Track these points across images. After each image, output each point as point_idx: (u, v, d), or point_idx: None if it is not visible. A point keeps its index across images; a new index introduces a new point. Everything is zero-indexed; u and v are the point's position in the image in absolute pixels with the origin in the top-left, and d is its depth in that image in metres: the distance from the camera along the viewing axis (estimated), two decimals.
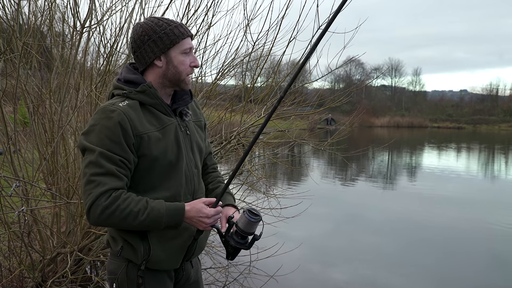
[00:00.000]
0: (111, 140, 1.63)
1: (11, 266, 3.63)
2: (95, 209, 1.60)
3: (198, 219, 1.71)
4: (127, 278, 1.78)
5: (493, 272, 5.62)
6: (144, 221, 1.64)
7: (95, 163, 1.62)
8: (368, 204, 9.91)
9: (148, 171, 1.74)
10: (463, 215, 8.84)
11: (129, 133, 1.65)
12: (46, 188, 3.88)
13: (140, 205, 1.64)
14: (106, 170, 1.61)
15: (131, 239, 1.75)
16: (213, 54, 4.76)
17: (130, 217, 1.62)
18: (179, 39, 1.74)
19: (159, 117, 1.77)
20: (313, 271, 5.42)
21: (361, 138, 31.00)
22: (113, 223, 1.64)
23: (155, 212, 1.65)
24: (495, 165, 18.80)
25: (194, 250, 1.89)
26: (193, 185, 1.87)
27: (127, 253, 1.77)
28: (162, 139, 1.75)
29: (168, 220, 1.67)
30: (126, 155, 1.66)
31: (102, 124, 1.64)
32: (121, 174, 1.65)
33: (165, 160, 1.75)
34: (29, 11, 3.91)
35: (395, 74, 73.07)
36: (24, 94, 3.87)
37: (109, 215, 1.61)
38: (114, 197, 1.61)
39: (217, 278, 4.78)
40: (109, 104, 1.69)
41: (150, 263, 1.77)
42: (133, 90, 1.74)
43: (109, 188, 1.61)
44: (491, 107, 65.97)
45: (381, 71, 68.18)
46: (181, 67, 1.77)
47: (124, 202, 1.62)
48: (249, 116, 4.93)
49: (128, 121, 1.65)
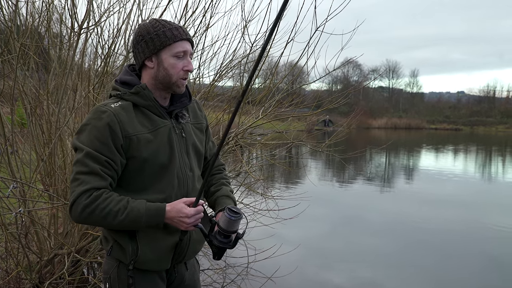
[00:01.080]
0: (99, 141, 1.66)
1: (8, 267, 3.61)
2: (76, 207, 1.64)
3: (179, 219, 1.70)
4: (118, 278, 1.80)
5: (490, 274, 5.64)
6: (123, 221, 1.65)
7: (81, 162, 1.65)
8: (366, 205, 9.92)
9: (138, 172, 1.75)
10: (460, 216, 8.86)
11: (118, 134, 1.67)
12: (43, 189, 3.87)
13: (120, 205, 1.66)
14: (90, 170, 1.64)
15: (120, 239, 1.77)
16: (210, 55, 4.76)
17: (109, 216, 1.64)
18: (170, 41, 1.73)
19: (152, 118, 1.78)
20: (310, 273, 5.42)
21: (358, 139, 31.03)
22: (94, 221, 1.67)
23: (134, 212, 1.66)
24: (492, 167, 18.85)
25: (185, 252, 1.88)
26: (186, 187, 1.85)
27: (117, 253, 1.79)
28: (153, 141, 1.75)
29: (147, 220, 1.68)
30: (113, 156, 1.68)
31: (93, 124, 1.68)
32: (105, 174, 1.67)
33: (156, 162, 1.75)
34: (26, 12, 3.91)
35: (392, 75, 73.28)
36: (22, 95, 3.87)
37: (89, 214, 1.63)
38: (95, 196, 1.63)
39: (215, 280, 4.78)
40: (101, 105, 1.72)
41: (138, 263, 1.77)
42: (127, 91, 1.76)
43: (91, 187, 1.64)
44: (488, 108, 66.22)
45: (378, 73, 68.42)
46: (172, 70, 1.76)
47: (105, 202, 1.64)
48: (247, 117, 4.93)
49: (118, 122, 1.67)
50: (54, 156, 3.93)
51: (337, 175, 14.97)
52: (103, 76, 3.77)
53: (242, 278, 4.85)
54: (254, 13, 4.33)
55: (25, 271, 3.60)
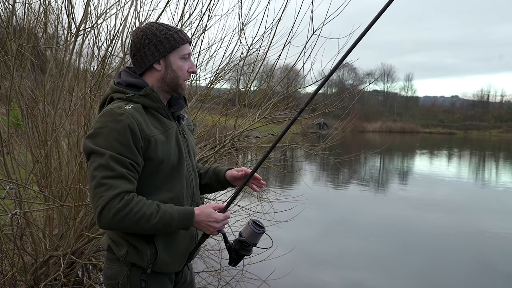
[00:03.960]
0: (121, 143, 1.63)
1: (3, 269, 3.60)
2: (107, 212, 1.59)
3: (207, 223, 1.73)
4: (130, 283, 1.77)
5: (481, 278, 5.68)
6: (156, 225, 1.65)
7: (105, 166, 1.61)
8: (360, 208, 9.96)
9: (153, 174, 1.75)
10: (452, 220, 8.91)
11: (138, 135, 1.66)
12: (39, 190, 3.86)
13: (152, 209, 1.65)
14: (117, 173, 1.61)
15: (137, 243, 1.74)
16: (207, 58, 4.77)
17: (143, 220, 1.62)
18: (179, 44, 1.77)
19: (162, 120, 1.80)
20: (305, 276, 5.43)
21: (353, 143, 31.11)
22: (125, 226, 1.64)
23: (167, 215, 1.66)
24: (486, 171, 18.96)
25: (194, 253, 1.92)
26: (193, 187, 1.90)
27: (133, 257, 1.76)
28: (166, 142, 1.77)
29: (178, 223, 1.69)
30: (136, 158, 1.66)
31: (111, 127, 1.64)
32: (131, 177, 1.65)
33: (169, 163, 1.77)
34: (24, 13, 3.91)
35: (387, 79, 73.52)
36: (18, 96, 3.86)
37: (122, 218, 1.60)
38: (127, 200, 1.61)
39: (210, 282, 4.78)
40: (115, 107, 1.69)
41: (156, 266, 1.77)
42: (136, 94, 1.75)
43: (121, 191, 1.61)
44: (482, 113, 66.53)
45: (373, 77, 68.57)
46: (179, 72, 1.80)
47: (137, 205, 1.62)
48: (243, 120, 4.94)
49: (137, 124, 1.66)
50: (50, 157, 3.93)
51: (332, 178, 15.00)
52: (100, 78, 3.77)
53: (237, 280, 4.86)
54: (251, 16, 4.35)
55: (20, 273, 3.59)
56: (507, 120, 61.52)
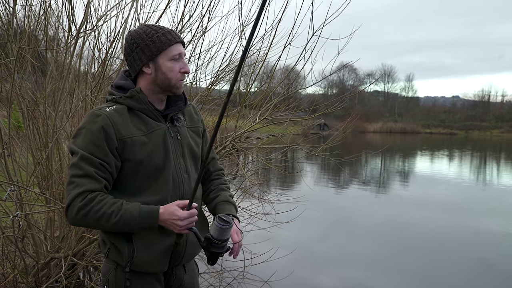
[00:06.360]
0: (94, 144, 1.69)
1: (5, 271, 3.61)
2: (71, 209, 1.67)
3: (171, 221, 1.71)
4: (116, 281, 1.81)
5: (481, 278, 5.67)
6: (117, 223, 1.67)
7: (76, 165, 1.69)
8: (361, 209, 9.95)
9: (134, 175, 1.77)
10: (453, 221, 8.89)
11: (112, 137, 1.70)
12: (40, 192, 3.87)
13: (114, 207, 1.68)
14: (84, 172, 1.67)
15: (116, 241, 1.79)
16: (208, 59, 4.77)
17: (103, 218, 1.67)
18: (166, 45, 1.77)
19: (147, 121, 1.81)
20: (307, 277, 5.43)
21: (354, 143, 31.11)
22: (88, 223, 1.70)
23: (127, 214, 1.68)
24: (487, 171, 18.94)
25: (182, 254, 1.88)
26: (182, 190, 1.86)
27: (114, 255, 1.81)
28: (147, 143, 1.77)
29: (140, 222, 1.69)
30: (107, 159, 1.70)
31: (87, 128, 1.71)
32: (99, 176, 1.69)
33: (151, 164, 1.77)
34: (24, 15, 3.91)
35: (388, 79, 73.56)
36: (19, 98, 3.86)
37: (83, 216, 1.66)
38: (89, 198, 1.66)
39: (211, 283, 4.78)
40: (96, 109, 1.76)
41: (134, 265, 1.78)
42: (121, 95, 1.79)
43: (85, 189, 1.66)
44: (483, 113, 66.56)
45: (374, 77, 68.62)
46: (170, 73, 1.79)
47: (99, 204, 1.66)
48: (244, 121, 4.94)
49: (112, 125, 1.71)
50: (51, 159, 3.93)
51: (333, 179, 14.99)
52: (101, 80, 3.78)
53: (238, 281, 4.86)
54: (251, 17, 4.36)
55: (22, 275, 3.59)
56: (508, 120, 61.55)
